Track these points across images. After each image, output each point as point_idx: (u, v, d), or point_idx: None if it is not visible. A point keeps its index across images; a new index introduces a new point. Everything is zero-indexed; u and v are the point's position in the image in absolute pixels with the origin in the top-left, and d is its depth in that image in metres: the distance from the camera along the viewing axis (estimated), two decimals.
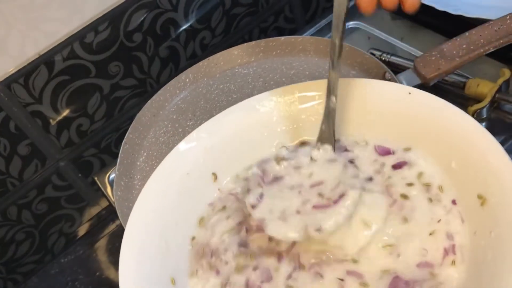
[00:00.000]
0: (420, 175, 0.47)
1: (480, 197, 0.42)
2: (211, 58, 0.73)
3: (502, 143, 0.59)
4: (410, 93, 0.48)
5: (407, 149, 0.48)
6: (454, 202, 0.45)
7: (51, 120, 0.72)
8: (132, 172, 0.65)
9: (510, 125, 0.61)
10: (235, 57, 0.73)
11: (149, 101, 0.70)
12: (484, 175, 0.42)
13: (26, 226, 0.76)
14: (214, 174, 0.52)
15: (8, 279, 0.78)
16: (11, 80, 0.66)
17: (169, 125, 0.70)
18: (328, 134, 0.49)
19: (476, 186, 0.43)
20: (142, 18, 0.73)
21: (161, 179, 0.49)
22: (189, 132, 0.66)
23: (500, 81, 0.61)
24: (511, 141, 0.60)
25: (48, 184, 0.75)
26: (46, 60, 0.67)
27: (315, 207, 0.44)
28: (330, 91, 0.48)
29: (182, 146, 0.52)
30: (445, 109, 0.47)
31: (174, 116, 0.70)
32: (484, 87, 0.61)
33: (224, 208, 0.50)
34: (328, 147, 0.49)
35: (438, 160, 0.46)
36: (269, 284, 0.44)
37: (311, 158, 0.48)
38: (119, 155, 0.65)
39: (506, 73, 0.62)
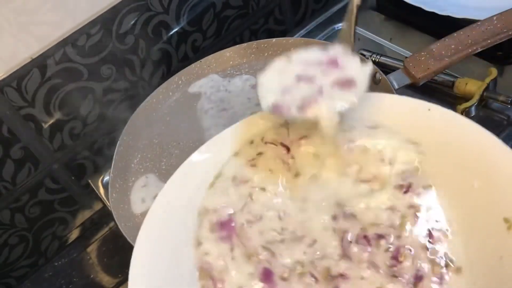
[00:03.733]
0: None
1: (506, 221, 0.40)
2: (203, 60, 0.73)
3: None
4: (429, 109, 0.47)
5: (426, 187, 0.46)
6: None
7: (43, 124, 0.72)
8: (127, 174, 0.65)
9: (498, 123, 0.62)
10: (227, 59, 0.73)
11: (142, 104, 0.71)
12: (511, 198, 0.40)
13: (19, 230, 0.76)
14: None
15: (1, 284, 0.78)
16: (3, 83, 0.66)
17: (163, 127, 0.70)
18: (348, 34, 0.49)
19: (502, 209, 0.41)
20: (133, 21, 0.73)
21: (172, 194, 0.48)
22: (184, 134, 0.67)
23: (488, 80, 0.63)
24: (500, 138, 0.60)
25: (41, 187, 0.75)
26: (38, 64, 0.67)
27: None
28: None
29: (195, 157, 0.49)
30: (466, 126, 0.45)
31: (168, 118, 0.71)
32: (472, 86, 0.63)
33: None
34: (347, 47, 0.48)
35: (457, 182, 0.44)
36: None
37: None
38: (114, 157, 0.65)
39: (493, 72, 0.63)
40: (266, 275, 0.44)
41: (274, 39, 0.72)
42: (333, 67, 0.46)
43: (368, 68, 0.46)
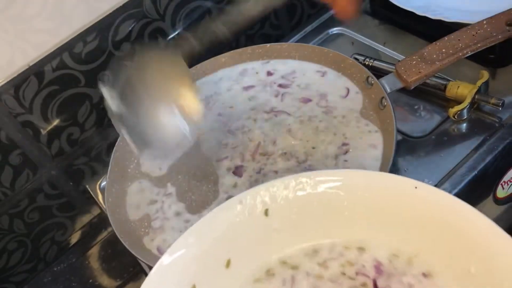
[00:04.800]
0: None
1: None
2: (198, 65, 0.74)
3: (483, 143, 0.61)
4: (416, 187, 0.44)
5: (425, 275, 0.44)
6: None
7: (41, 130, 0.72)
8: (123, 179, 0.66)
9: (490, 125, 0.63)
10: (223, 64, 0.74)
11: None
12: (509, 285, 0.39)
13: (18, 235, 0.76)
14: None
15: None
16: (1, 91, 0.67)
17: None
18: None
19: None
20: (130, 28, 0.74)
21: None
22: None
23: (479, 82, 0.63)
24: (491, 140, 0.61)
25: (39, 193, 0.76)
26: (35, 71, 0.68)
27: None
28: None
29: (166, 259, 0.44)
30: (457, 207, 0.42)
31: None
32: (464, 89, 0.63)
33: None
34: None
35: (453, 267, 0.42)
36: None
37: None
38: (110, 162, 0.66)
39: (485, 75, 0.64)
40: None
41: (268, 45, 0.73)
42: None
43: None
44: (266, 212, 0.47)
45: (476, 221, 0.41)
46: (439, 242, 0.43)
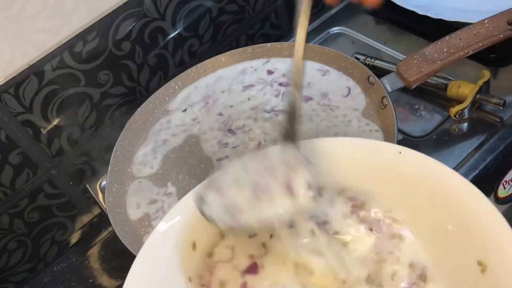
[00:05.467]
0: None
1: (480, 263, 0.41)
2: (199, 65, 0.74)
3: (484, 142, 0.61)
4: (400, 152, 0.47)
5: (395, 221, 0.47)
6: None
7: (41, 129, 0.72)
8: (123, 178, 0.66)
9: (491, 125, 0.63)
10: (223, 64, 0.74)
11: (139, 109, 0.71)
12: (483, 241, 0.41)
13: (18, 235, 0.76)
14: (194, 244, 0.48)
15: None
16: (1, 90, 0.67)
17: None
18: (292, 133, 0.46)
19: (475, 252, 0.41)
20: (130, 27, 0.74)
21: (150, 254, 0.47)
22: (182, 138, 0.67)
23: (481, 82, 0.63)
24: (492, 140, 0.61)
25: (39, 192, 0.76)
26: (36, 70, 0.68)
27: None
28: (293, 83, 0.47)
29: (161, 226, 0.48)
30: (438, 169, 0.45)
31: None
32: (465, 88, 0.63)
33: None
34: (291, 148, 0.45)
35: (432, 225, 0.45)
36: None
37: None
38: (110, 162, 0.65)
39: (486, 74, 0.64)
40: None
41: (269, 44, 0.73)
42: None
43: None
44: None
45: (453, 181, 0.43)
46: (421, 202, 0.45)
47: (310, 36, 0.82)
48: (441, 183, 0.44)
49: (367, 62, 0.71)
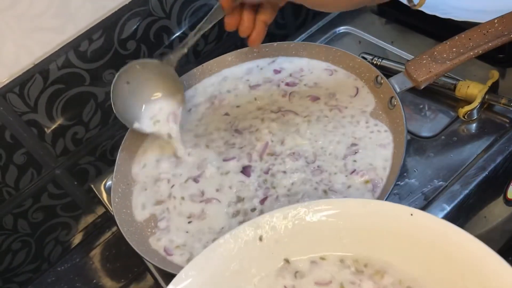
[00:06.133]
0: None
1: None
2: (205, 64, 0.73)
3: (493, 143, 0.61)
4: (412, 214, 0.45)
5: None
6: None
7: (46, 129, 0.72)
8: (129, 178, 0.65)
9: (500, 126, 0.62)
10: (229, 63, 0.74)
11: None
12: None
13: (22, 235, 0.76)
14: None
15: None
16: (6, 89, 0.66)
17: None
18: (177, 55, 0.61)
19: None
20: (135, 26, 0.74)
21: None
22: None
23: (490, 82, 0.62)
24: (502, 141, 0.60)
25: (44, 192, 0.75)
26: (41, 69, 0.68)
27: None
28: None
29: None
30: (450, 232, 0.43)
31: None
32: (474, 89, 0.63)
33: None
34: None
35: None
36: None
37: None
38: (116, 162, 0.65)
39: (495, 74, 0.63)
40: None
41: (275, 43, 0.72)
42: None
43: None
44: (260, 238, 0.47)
45: (470, 245, 0.42)
46: (436, 266, 0.44)
47: (316, 35, 0.82)
48: (457, 248, 0.42)
49: (375, 62, 0.70)
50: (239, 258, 0.47)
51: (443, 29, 0.68)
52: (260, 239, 0.47)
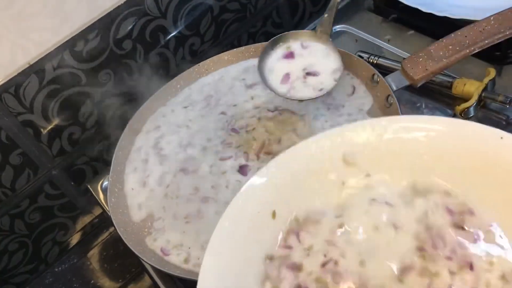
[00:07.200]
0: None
1: None
2: (201, 64, 0.73)
3: None
4: (502, 137, 0.43)
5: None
6: None
7: (42, 129, 0.72)
8: (125, 179, 0.65)
9: (497, 123, 0.62)
10: (225, 62, 0.73)
11: (140, 108, 0.71)
12: None
13: (19, 236, 0.76)
14: (274, 212, 0.48)
15: None
16: (1, 90, 0.66)
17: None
18: (328, 23, 0.64)
19: None
20: (131, 26, 0.73)
21: (234, 218, 0.46)
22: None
23: (486, 80, 0.62)
24: None
25: (40, 193, 0.75)
26: (36, 69, 0.67)
27: None
28: None
29: (255, 180, 0.47)
30: None
31: None
32: (470, 87, 0.62)
33: None
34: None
35: None
36: None
37: None
38: (112, 162, 0.65)
39: (491, 72, 0.63)
40: None
41: None
42: None
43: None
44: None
45: None
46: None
47: None
48: None
49: (371, 60, 0.70)
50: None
51: (439, 26, 0.68)
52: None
